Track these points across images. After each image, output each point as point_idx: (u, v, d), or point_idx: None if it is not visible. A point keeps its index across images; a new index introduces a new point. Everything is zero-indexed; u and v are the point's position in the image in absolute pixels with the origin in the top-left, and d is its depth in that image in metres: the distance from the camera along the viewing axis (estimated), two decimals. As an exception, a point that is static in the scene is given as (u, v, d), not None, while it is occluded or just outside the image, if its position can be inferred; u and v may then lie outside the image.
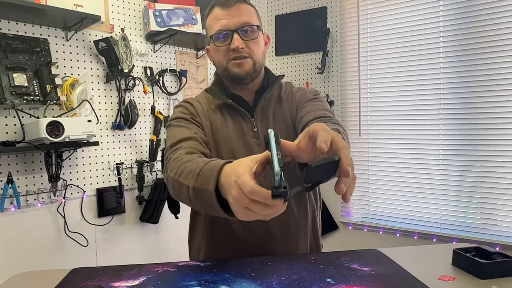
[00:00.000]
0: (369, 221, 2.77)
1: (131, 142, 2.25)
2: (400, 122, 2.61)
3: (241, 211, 0.60)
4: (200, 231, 1.14)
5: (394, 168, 2.65)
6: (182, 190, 0.80)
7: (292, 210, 1.09)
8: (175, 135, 1.01)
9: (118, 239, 2.19)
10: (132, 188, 2.25)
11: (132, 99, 2.20)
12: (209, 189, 0.71)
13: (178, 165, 0.84)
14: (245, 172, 0.59)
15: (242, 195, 0.58)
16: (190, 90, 2.58)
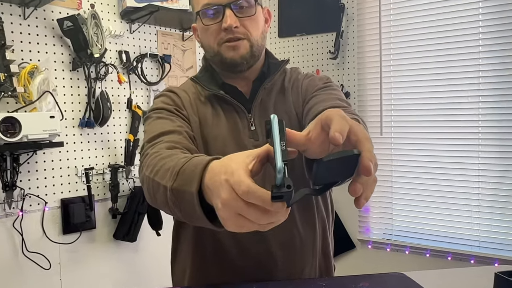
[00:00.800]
0: (392, 239, 2.76)
1: (103, 142, 2.25)
2: (431, 120, 2.60)
3: (231, 218, 0.58)
4: (185, 249, 1.14)
5: (423, 175, 2.64)
6: (159, 192, 0.79)
7: (296, 225, 1.08)
8: (154, 128, 1.00)
9: (87, 261, 2.19)
10: (104, 199, 2.25)
11: (104, 90, 2.20)
12: (190, 191, 0.69)
13: (155, 161, 0.84)
14: (239, 169, 0.57)
15: (234, 197, 0.56)
16: (175, 79, 2.57)
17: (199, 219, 0.70)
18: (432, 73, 2.59)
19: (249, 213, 0.56)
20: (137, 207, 2.29)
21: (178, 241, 1.17)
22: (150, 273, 2.41)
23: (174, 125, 1.01)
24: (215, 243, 1.08)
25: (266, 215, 0.56)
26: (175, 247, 1.18)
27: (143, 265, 2.40)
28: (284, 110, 1.10)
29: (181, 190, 0.71)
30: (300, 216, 1.09)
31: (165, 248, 1.26)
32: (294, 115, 1.10)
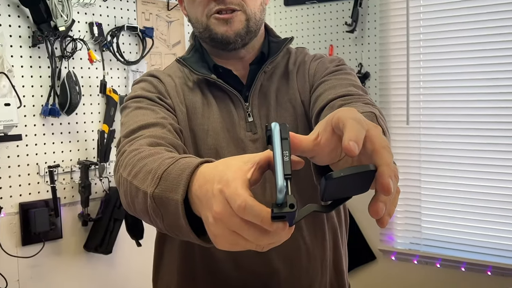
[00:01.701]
0: (421, 249, 2.77)
1: (71, 134, 2.24)
2: (468, 107, 2.60)
3: (225, 236, 0.59)
4: (169, 264, 1.15)
5: (457, 173, 2.64)
6: (137, 198, 0.79)
7: (301, 234, 1.09)
8: (133, 120, 1.01)
9: (52, 278, 2.18)
10: (72, 202, 2.25)
11: (71, 71, 2.18)
12: (174, 199, 0.69)
13: (134, 161, 0.84)
14: (237, 179, 0.57)
15: (229, 212, 0.57)
16: (158, 57, 2.56)
17: (183, 232, 0.70)
18: (472, 50, 2.57)
19: (246, 231, 0.57)
20: (113, 212, 2.28)
21: (161, 254, 1.18)
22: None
23: (157, 116, 1.02)
24: (206, 256, 1.08)
25: (265, 235, 0.57)
26: (157, 262, 1.19)
27: (120, 282, 2.39)
28: (287, 98, 1.12)
29: (164, 198, 0.72)
30: (306, 224, 1.10)
31: (147, 262, 1.26)
32: (300, 103, 1.11)
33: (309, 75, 1.13)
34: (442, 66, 2.66)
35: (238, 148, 1.07)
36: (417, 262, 2.76)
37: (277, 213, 0.54)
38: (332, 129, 0.59)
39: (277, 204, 0.54)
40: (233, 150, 1.07)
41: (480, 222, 2.60)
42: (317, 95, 1.06)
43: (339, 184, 0.56)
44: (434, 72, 2.69)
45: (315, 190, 1.00)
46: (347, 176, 0.55)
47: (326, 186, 0.56)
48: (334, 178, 0.54)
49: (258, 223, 0.55)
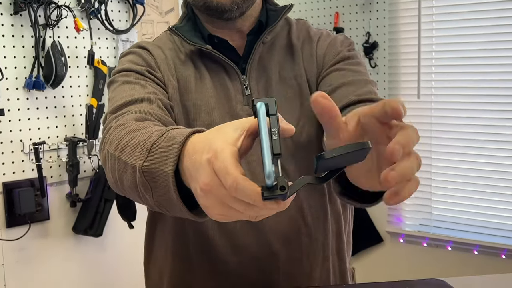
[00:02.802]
0: (431, 231, 2.79)
1: (57, 109, 2.22)
2: (483, 79, 2.58)
3: (215, 207, 0.61)
4: (161, 246, 1.15)
5: (471, 151, 2.65)
6: (126, 174, 0.80)
7: (303, 217, 1.10)
8: (120, 95, 1.02)
9: (39, 261, 2.16)
10: (60, 182, 2.23)
11: (56, 40, 2.15)
12: (164, 171, 0.71)
13: (121, 135, 0.85)
14: (225, 150, 0.59)
15: (217, 184, 0.59)
16: (150, 26, 2.53)
17: (175, 207, 0.72)
18: (489, 17, 2.56)
19: (236, 204, 0.59)
20: (103, 192, 2.27)
21: (153, 237, 1.18)
22: (120, 276, 2.38)
23: (146, 91, 1.02)
24: (201, 239, 1.09)
25: (256, 208, 0.58)
26: (149, 245, 1.19)
27: (111, 266, 2.38)
28: (292, 74, 1.12)
29: (154, 171, 0.73)
30: (308, 206, 1.10)
31: (139, 245, 1.27)
32: (305, 82, 1.11)
33: (317, 56, 1.13)
34: (456, 35, 2.66)
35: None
36: (427, 245, 2.78)
37: (268, 196, 0.55)
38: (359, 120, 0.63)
39: (267, 187, 0.55)
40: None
41: (494, 202, 2.61)
42: (331, 85, 1.07)
43: (332, 161, 0.58)
44: (447, 42, 2.68)
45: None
46: (342, 155, 0.57)
47: (319, 165, 0.58)
48: (326, 159, 0.57)
49: (250, 202, 0.57)
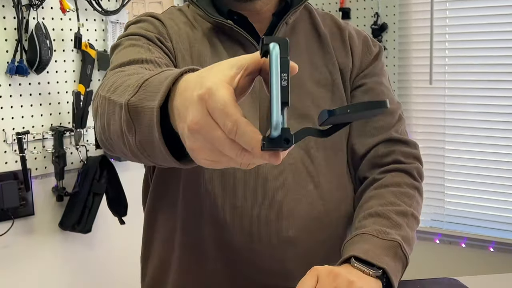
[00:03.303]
0: (444, 227, 2.80)
1: (42, 96, 2.21)
2: (499, 63, 2.59)
3: (203, 151, 0.60)
4: (164, 235, 1.17)
5: (487, 140, 2.65)
6: (114, 115, 0.80)
7: (323, 203, 1.14)
8: (124, 56, 1.02)
9: (24, 259, 2.17)
10: (45, 175, 2.24)
11: (41, 22, 2.14)
12: (150, 106, 0.70)
13: (116, 78, 0.86)
14: (221, 88, 0.57)
15: (209, 124, 0.57)
16: (142, 6, 2.54)
17: (156, 149, 0.72)
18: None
19: (227, 148, 0.58)
20: (92, 185, 2.27)
21: (152, 227, 1.19)
22: (110, 275, 2.40)
23: (153, 55, 1.02)
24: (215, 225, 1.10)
25: (250, 155, 0.58)
26: (147, 236, 1.21)
27: (100, 265, 2.39)
28: (323, 62, 1.18)
29: (140, 107, 0.73)
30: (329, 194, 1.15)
31: (131, 241, 1.26)
32: (338, 73, 1.18)
33: (353, 53, 1.20)
34: (471, 16, 2.65)
35: (255, 102, 1.10)
36: (439, 242, 2.79)
37: (269, 147, 0.56)
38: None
39: (271, 138, 0.55)
40: (250, 104, 1.10)
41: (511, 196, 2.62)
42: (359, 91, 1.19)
43: (343, 117, 0.59)
44: (462, 23, 2.69)
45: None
46: (355, 113, 0.58)
47: (327, 120, 0.59)
48: (338, 115, 0.57)
49: (248, 149, 0.57)
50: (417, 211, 1.11)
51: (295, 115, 1.12)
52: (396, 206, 1.08)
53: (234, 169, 1.06)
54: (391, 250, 0.98)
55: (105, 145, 0.89)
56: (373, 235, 1.00)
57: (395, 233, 1.02)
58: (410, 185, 1.14)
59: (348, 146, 1.19)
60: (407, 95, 2.81)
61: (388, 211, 1.07)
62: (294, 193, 1.10)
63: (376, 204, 1.09)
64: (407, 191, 1.12)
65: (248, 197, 1.08)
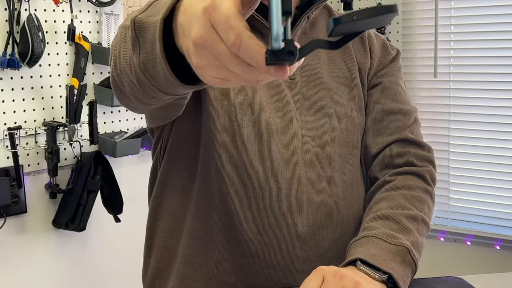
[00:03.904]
0: (448, 224, 2.80)
1: (34, 90, 2.21)
2: (506, 55, 2.60)
3: (209, 67, 0.60)
4: (169, 227, 1.19)
5: (493, 135, 2.65)
6: (125, 41, 0.82)
7: (337, 201, 1.14)
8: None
9: (17, 258, 2.18)
10: (38, 171, 2.24)
11: (33, 13, 2.13)
12: (154, 21, 0.72)
13: (139, 9, 0.86)
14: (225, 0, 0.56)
15: (213, 38, 0.57)
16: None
17: (157, 67, 0.73)
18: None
19: (233, 63, 0.57)
20: (86, 182, 2.27)
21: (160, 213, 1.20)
22: (105, 274, 2.40)
23: None
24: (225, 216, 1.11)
25: (255, 72, 0.57)
26: (153, 224, 1.21)
27: (95, 264, 2.40)
28: (342, 59, 1.21)
29: (145, 23, 0.75)
30: (343, 192, 1.16)
31: (127, 240, 1.24)
32: (357, 71, 1.21)
33: (371, 53, 1.24)
34: (476, 7, 2.65)
35: (272, 93, 1.14)
36: (444, 239, 2.80)
37: (272, 61, 0.54)
38: None
39: (274, 51, 0.54)
40: (266, 95, 1.13)
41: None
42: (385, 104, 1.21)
43: (351, 26, 0.58)
44: (467, 14, 2.69)
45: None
46: (363, 19, 0.56)
47: (334, 29, 0.57)
48: (344, 23, 0.56)
49: (253, 65, 0.56)
50: (428, 216, 1.12)
51: (312, 109, 1.14)
52: (406, 210, 1.09)
53: (248, 158, 1.09)
54: (399, 256, 0.98)
55: (115, 84, 0.91)
56: (381, 238, 1.00)
57: (404, 238, 1.02)
58: (422, 189, 1.14)
59: (362, 143, 1.20)
60: (411, 89, 2.82)
61: (398, 214, 1.07)
62: (306, 187, 1.11)
63: (386, 206, 1.10)
64: (419, 195, 1.12)
65: (260, 188, 1.09)
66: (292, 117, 1.13)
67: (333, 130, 1.15)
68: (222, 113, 1.10)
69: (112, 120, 2.48)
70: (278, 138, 1.11)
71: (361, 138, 1.21)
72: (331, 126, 1.15)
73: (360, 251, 0.99)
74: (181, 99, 0.97)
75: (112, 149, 2.35)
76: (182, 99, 0.97)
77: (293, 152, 1.11)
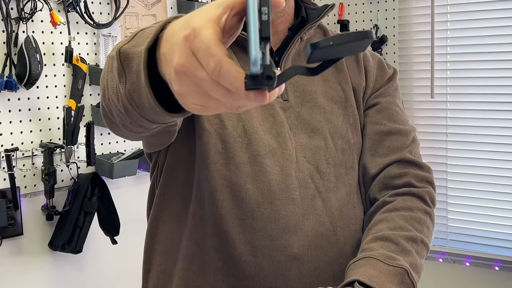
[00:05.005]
0: (447, 245, 2.78)
1: (32, 112, 2.22)
2: (503, 76, 2.59)
3: (191, 94, 0.61)
4: (165, 250, 1.19)
5: (491, 155, 2.64)
6: (112, 71, 0.83)
7: (332, 222, 1.14)
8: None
9: (12, 281, 2.16)
10: (34, 193, 2.24)
11: (31, 36, 2.15)
12: (138, 51, 0.73)
13: (125, 39, 0.88)
14: (206, 28, 0.58)
15: (194, 65, 0.58)
16: (135, 19, 2.54)
17: (142, 96, 0.74)
18: (509, 8, 2.56)
19: (214, 90, 0.58)
20: (83, 204, 2.27)
21: (157, 235, 1.20)
22: None
23: None
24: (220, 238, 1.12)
25: (236, 97, 0.58)
26: (150, 247, 1.21)
27: (92, 286, 2.38)
28: (337, 79, 1.22)
29: (130, 53, 0.77)
30: (339, 214, 1.16)
31: (123, 262, 1.24)
32: (351, 91, 1.22)
33: (367, 72, 1.24)
34: (472, 28, 2.66)
35: (266, 114, 1.14)
36: (443, 260, 2.77)
37: (252, 85, 0.55)
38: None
39: (252, 76, 0.54)
40: (260, 116, 1.14)
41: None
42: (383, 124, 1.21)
43: (329, 51, 0.58)
44: (463, 35, 2.69)
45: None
46: (339, 44, 0.57)
47: (312, 55, 0.58)
48: (322, 48, 0.56)
49: (233, 91, 0.56)
50: (427, 238, 1.12)
51: (306, 130, 1.15)
52: (406, 231, 1.09)
53: (242, 180, 1.10)
54: (397, 277, 0.99)
55: (105, 114, 0.91)
56: (379, 260, 1.01)
57: (403, 259, 1.02)
58: (421, 210, 1.14)
59: (360, 164, 1.21)
60: (408, 109, 2.74)
61: (397, 236, 1.07)
62: (301, 208, 1.11)
63: (385, 227, 1.10)
64: (418, 216, 1.13)
65: (254, 209, 1.09)
66: (286, 138, 1.13)
67: (327, 151, 1.15)
68: (215, 136, 1.11)
69: (109, 141, 2.47)
70: (272, 159, 1.11)
71: (358, 159, 1.21)
72: (325, 146, 1.15)
73: (358, 272, 0.99)
74: (171, 127, 0.99)
75: (109, 170, 2.34)
76: (171, 126, 0.98)
77: (287, 173, 1.11)
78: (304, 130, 1.15)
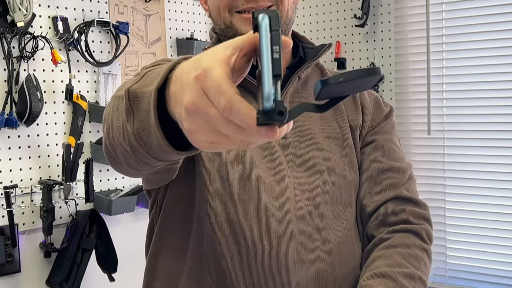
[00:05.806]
0: (446, 282, 2.75)
1: (31, 149, 2.23)
2: (499, 113, 2.60)
3: (201, 132, 0.61)
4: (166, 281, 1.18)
5: (489, 192, 2.63)
6: (118, 111, 0.84)
7: (331, 258, 1.14)
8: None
9: None
10: (33, 230, 2.23)
11: (32, 74, 2.17)
12: (148, 91, 0.74)
13: (134, 79, 0.88)
14: (216, 68, 0.58)
15: (205, 103, 0.59)
16: (135, 57, 2.56)
17: (151, 135, 0.75)
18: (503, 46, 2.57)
19: (225, 127, 0.59)
20: (81, 241, 2.27)
21: (155, 273, 1.19)
22: None
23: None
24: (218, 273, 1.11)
25: (246, 133, 0.58)
26: (148, 286, 1.20)
27: None
28: (334, 117, 1.23)
29: (139, 93, 0.77)
30: (337, 250, 1.16)
31: None
32: (348, 128, 1.23)
33: (364, 110, 1.26)
34: (468, 66, 2.66)
35: (264, 152, 1.15)
36: None
37: (264, 121, 0.56)
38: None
39: (264, 111, 0.55)
40: (258, 153, 1.14)
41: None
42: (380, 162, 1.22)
43: (338, 88, 0.59)
44: (458, 73, 2.69)
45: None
46: (349, 81, 0.58)
47: (322, 91, 0.59)
48: (331, 85, 0.58)
49: (243, 126, 0.57)
50: (425, 275, 1.12)
51: (304, 167, 1.16)
52: (403, 268, 1.09)
53: (241, 217, 1.10)
54: None
55: (108, 152, 0.92)
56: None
57: None
58: (418, 247, 1.15)
59: (358, 201, 1.21)
60: (405, 146, 2.74)
61: (395, 272, 1.07)
62: (300, 245, 1.10)
63: (383, 264, 1.10)
64: (416, 253, 1.13)
65: (253, 246, 1.09)
66: (284, 175, 1.13)
67: (325, 188, 1.15)
68: (215, 173, 1.11)
69: (108, 178, 2.47)
70: (270, 196, 1.11)
71: (355, 195, 1.21)
72: (323, 183, 1.15)
73: None
74: (174, 164, 0.99)
75: (108, 207, 2.34)
76: (174, 164, 0.99)
77: (286, 210, 1.11)
78: (302, 168, 1.15)
